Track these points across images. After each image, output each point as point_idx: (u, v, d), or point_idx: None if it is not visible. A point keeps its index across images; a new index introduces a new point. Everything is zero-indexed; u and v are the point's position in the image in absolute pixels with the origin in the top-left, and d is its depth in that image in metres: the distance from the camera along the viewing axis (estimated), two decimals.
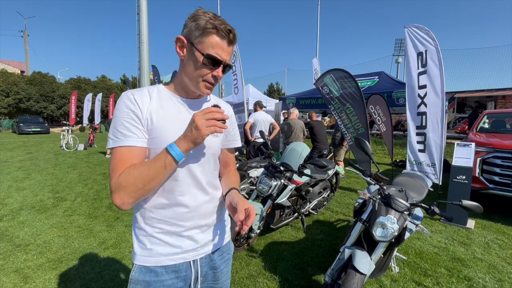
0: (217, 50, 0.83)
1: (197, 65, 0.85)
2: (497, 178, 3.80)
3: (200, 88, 0.88)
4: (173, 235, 0.90)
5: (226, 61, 0.86)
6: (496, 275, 2.47)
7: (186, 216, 0.90)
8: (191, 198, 0.91)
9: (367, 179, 2.13)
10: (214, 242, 0.98)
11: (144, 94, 0.88)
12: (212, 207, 0.97)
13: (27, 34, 33.14)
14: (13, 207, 4.02)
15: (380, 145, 10.90)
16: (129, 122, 0.82)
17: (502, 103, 14.40)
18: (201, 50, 0.83)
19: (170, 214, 0.88)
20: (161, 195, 0.88)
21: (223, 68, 0.87)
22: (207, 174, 0.95)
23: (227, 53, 0.86)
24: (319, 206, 3.82)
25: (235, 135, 1.10)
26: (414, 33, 4.27)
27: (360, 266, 1.66)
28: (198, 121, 0.75)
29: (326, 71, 4.90)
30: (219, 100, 1.07)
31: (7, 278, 2.32)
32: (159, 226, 0.89)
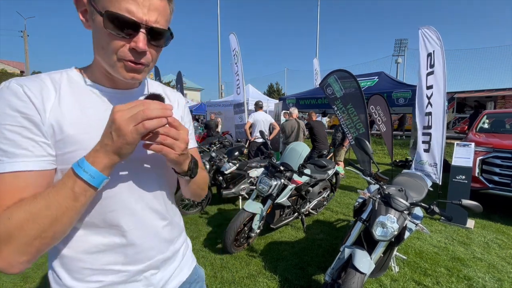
0: (126, 5, 0.51)
1: (101, 35, 0.54)
2: (497, 178, 3.80)
3: (118, 70, 0.57)
4: (120, 285, 0.63)
5: (145, 21, 0.53)
6: (495, 274, 2.47)
7: (138, 257, 0.64)
8: (143, 231, 0.65)
9: (367, 178, 2.14)
10: (176, 276, 0.75)
11: (44, 85, 0.56)
12: (171, 235, 0.73)
13: (27, 34, 33.14)
14: None
15: (380, 145, 10.91)
16: (16, 132, 0.50)
17: (502, 103, 14.42)
18: (100, 8, 0.52)
19: (112, 258, 0.61)
20: (94, 235, 0.60)
21: (147, 34, 0.55)
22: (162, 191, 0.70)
23: (147, 8, 0.53)
24: (319, 206, 3.82)
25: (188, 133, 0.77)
26: (426, 34, 4.32)
27: (360, 266, 1.67)
28: (120, 121, 0.47)
29: (330, 72, 4.94)
30: (165, 88, 0.79)
31: (7, 277, 2.32)
32: (96, 278, 0.61)
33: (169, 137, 0.53)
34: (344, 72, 4.79)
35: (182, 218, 0.83)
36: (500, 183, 3.77)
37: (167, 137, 0.53)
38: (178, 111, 0.77)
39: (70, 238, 0.59)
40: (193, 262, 0.85)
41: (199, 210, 3.90)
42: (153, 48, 0.59)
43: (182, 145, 0.55)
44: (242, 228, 2.74)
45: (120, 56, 0.55)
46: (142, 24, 0.53)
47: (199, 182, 0.74)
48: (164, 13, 0.57)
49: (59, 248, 0.60)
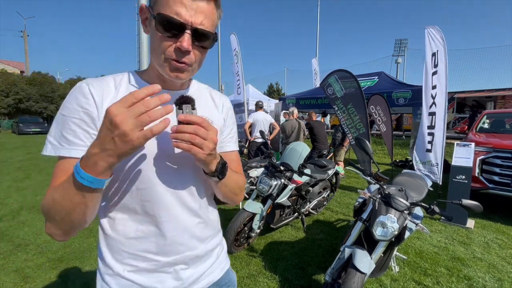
0: (175, 8, 0.56)
1: (154, 37, 0.60)
2: (497, 178, 3.80)
3: (164, 70, 0.62)
4: (151, 274, 0.67)
5: (191, 23, 0.57)
6: (495, 274, 2.47)
7: (167, 249, 0.68)
8: (174, 225, 0.68)
9: (367, 178, 2.14)
10: (207, 276, 0.76)
11: (107, 85, 0.64)
12: (203, 234, 0.74)
13: (26, 34, 33.14)
14: (13, 207, 4.02)
15: (380, 145, 10.91)
16: (77, 124, 0.59)
17: (502, 103, 14.43)
18: (154, 12, 0.58)
19: (145, 246, 0.66)
20: (133, 221, 0.66)
21: (192, 35, 0.58)
22: (197, 190, 0.72)
23: (194, 11, 0.57)
24: (319, 206, 3.82)
25: (228, 135, 0.81)
26: (431, 34, 4.32)
27: (360, 265, 1.67)
28: (125, 126, 0.46)
29: (331, 72, 4.94)
30: (211, 91, 0.81)
31: (8, 277, 2.32)
32: (131, 262, 0.66)
33: (198, 136, 0.54)
34: (344, 72, 4.79)
35: (219, 219, 0.83)
36: (500, 183, 3.77)
37: (197, 136, 0.54)
38: (220, 114, 0.79)
39: (114, 221, 0.66)
40: (226, 265, 0.84)
41: None
42: (197, 49, 0.62)
43: (210, 145, 0.57)
44: (242, 228, 2.74)
45: (167, 55, 0.60)
46: (188, 25, 0.57)
47: (231, 186, 0.72)
48: (211, 16, 0.60)
49: (105, 228, 0.67)
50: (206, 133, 0.55)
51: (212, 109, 0.78)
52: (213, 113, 0.76)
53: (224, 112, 0.80)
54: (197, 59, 0.63)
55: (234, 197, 0.78)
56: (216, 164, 0.64)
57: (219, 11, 0.64)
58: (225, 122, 0.80)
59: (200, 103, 0.72)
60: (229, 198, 0.77)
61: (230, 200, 0.78)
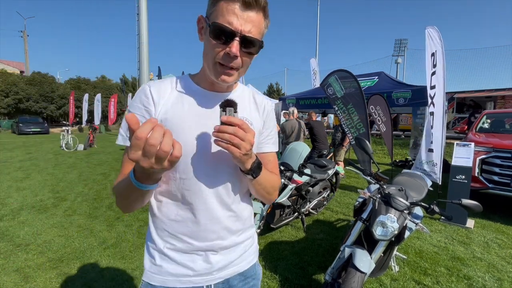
0: (228, 18, 0.63)
1: (208, 44, 0.68)
2: (497, 178, 3.81)
3: (213, 73, 0.70)
4: (185, 254, 0.76)
5: (240, 30, 0.63)
6: (495, 274, 2.47)
7: (200, 235, 0.76)
8: (208, 214, 0.75)
9: (367, 178, 2.14)
10: (234, 265, 0.82)
11: (164, 86, 0.76)
12: (234, 227, 0.80)
13: (26, 34, 33.13)
14: (13, 207, 4.02)
15: (380, 145, 10.92)
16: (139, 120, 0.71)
17: (502, 103, 14.44)
18: (210, 22, 0.66)
19: (182, 229, 0.75)
20: (174, 205, 0.76)
21: (241, 42, 0.64)
22: (232, 185, 0.78)
23: (244, 21, 0.63)
24: (319, 206, 3.82)
25: (267, 137, 0.85)
26: (431, 34, 4.33)
27: (360, 265, 1.67)
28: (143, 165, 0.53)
29: (331, 72, 4.95)
30: (255, 94, 0.86)
31: (8, 277, 2.33)
32: (170, 241, 0.76)
33: (237, 137, 0.60)
34: (344, 72, 4.80)
35: (252, 215, 0.88)
36: (500, 183, 3.78)
37: (235, 137, 0.60)
38: (261, 116, 0.85)
39: (161, 203, 0.76)
40: (254, 259, 0.89)
41: None
42: (244, 55, 0.68)
43: (247, 146, 0.62)
44: None
45: (217, 59, 0.67)
46: (237, 33, 0.63)
47: (264, 185, 0.77)
48: (258, 25, 0.67)
49: (153, 208, 0.78)
50: (244, 135, 0.61)
51: (253, 111, 0.83)
52: (253, 115, 0.82)
53: (265, 115, 0.85)
54: (244, 64, 0.70)
55: (267, 195, 0.82)
56: (251, 163, 0.69)
57: (267, 21, 0.70)
58: (265, 124, 0.85)
59: (242, 105, 0.78)
60: (262, 196, 0.82)
61: (263, 198, 0.83)
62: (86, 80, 29.79)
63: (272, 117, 0.88)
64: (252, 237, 0.90)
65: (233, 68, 0.68)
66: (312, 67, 11.18)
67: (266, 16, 0.69)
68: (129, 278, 2.35)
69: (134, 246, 2.91)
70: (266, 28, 0.71)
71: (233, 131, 0.59)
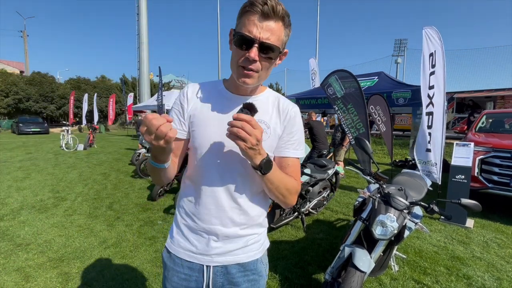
0: (248, 27, 0.72)
1: (234, 50, 0.78)
2: (496, 178, 3.82)
3: (236, 75, 0.79)
4: (192, 232, 0.88)
5: (258, 38, 0.72)
6: (495, 273, 2.48)
7: (205, 217, 0.85)
8: (214, 201, 0.84)
9: (367, 178, 2.15)
10: (233, 255, 0.88)
11: (199, 87, 0.91)
12: (238, 219, 0.86)
13: (26, 34, 33.13)
14: (14, 207, 4.03)
15: (380, 145, 10.92)
16: (176, 113, 0.88)
17: (501, 103, 14.45)
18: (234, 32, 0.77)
19: (193, 209, 0.87)
20: (192, 188, 0.89)
21: (259, 48, 0.73)
22: (242, 181, 0.84)
23: (262, 29, 0.72)
24: (319, 206, 3.83)
25: (288, 142, 0.88)
26: (429, 34, 4.33)
27: (360, 264, 1.68)
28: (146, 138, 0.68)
29: (331, 72, 4.95)
30: (280, 98, 0.91)
31: (9, 277, 2.33)
32: (185, 217, 0.90)
33: (244, 131, 0.66)
34: (344, 72, 4.80)
35: (264, 217, 0.94)
36: (499, 183, 3.79)
37: (242, 131, 0.66)
38: (281, 121, 0.88)
39: (185, 184, 0.93)
40: (257, 255, 0.92)
41: None
42: (263, 59, 0.76)
43: (253, 140, 0.67)
44: None
45: (239, 63, 0.76)
46: (256, 40, 0.72)
47: (277, 185, 0.80)
48: (277, 33, 0.74)
49: (181, 189, 0.96)
50: (251, 130, 0.66)
51: (274, 116, 0.88)
52: (273, 119, 0.87)
53: (286, 120, 0.88)
54: (263, 67, 0.77)
55: (282, 198, 0.84)
56: (260, 160, 0.73)
57: (287, 30, 0.78)
58: (285, 129, 0.88)
59: (265, 109, 0.86)
60: (277, 197, 0.84)
61: (278, 200, 0.86)
62: (86, 80, 29.74)
63: (296, 123, 0.89)
64: (259, 235, 0.93)
65: (252, 70, 0.76)
66: (311, 67, 11.15)
67: (287, 25, 0.77)
68: (130, 277, 2.35)
69: (135, 245, 2.91)
70: (287, 36, 0.79)
71: (240, 125, 0.66)
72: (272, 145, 0.86)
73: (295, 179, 0.87)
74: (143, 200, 4.45)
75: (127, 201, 4.43)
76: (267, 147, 0.80)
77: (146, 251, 2.79)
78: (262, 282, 0.94)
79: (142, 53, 28.45)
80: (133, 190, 5.07)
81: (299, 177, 0.90)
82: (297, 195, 0.89)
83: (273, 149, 0.86)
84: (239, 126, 0.66)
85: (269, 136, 0.84)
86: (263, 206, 0.92)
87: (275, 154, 0.88)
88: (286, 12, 0.74)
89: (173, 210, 3.85)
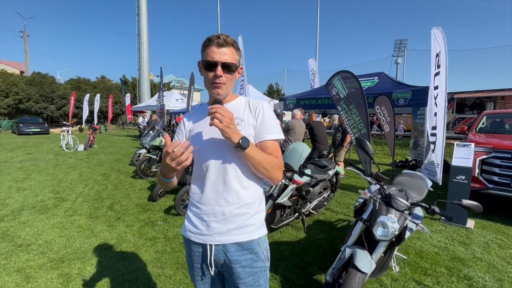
0: (211, 55, 1.00)
1: (204, 74, 1.05)
2: (497, 178, 3.81)
3: (210, 90, 1.06)
4: (197, 217, 1.08)
5: (219, 60, 0.99)
6: (495, 274, 2.48)
7: (205, 201, 1.05)
8: (212, 186, 1.04)
9: (368, 178, 2.15)
10: (231, 235, 1.04)
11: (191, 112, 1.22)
12: (231, 199, 1.03)
13: (26, 35, 33.15)
14: (14, 208, 4.03)
15: (380, 146, 10.93)
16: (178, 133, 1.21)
17: (501, 104, 14.45)
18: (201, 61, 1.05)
19: (197, 198, 1.08)
20: (197, 181, 1.10)
21: (222, 66, 1.00)
22: (232, 168, 1.03)
23: (220, 54, 0.99)
24: (320, 206, 3.83)
25: (261, 128, 1.07)
26: (436, 35, 4.32)
27: (361, 265, 1.68)
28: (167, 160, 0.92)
29: (335, 73, 4.94)
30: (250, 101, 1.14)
31: (9, 277, 2.33)
32: (191, 206, 1.12)
33: (219, 113, 0.90)
34: (347, 73, 4.80)
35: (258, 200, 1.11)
36: (500, 183, 3.78)
37: (218, 113, 0.90)
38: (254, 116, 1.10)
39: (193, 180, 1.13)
40: (253, 236, 1.07)
41: None
42: (226, 73, 1.03)
43: (227, 119, 0.91)
44: None
45: (211, 81, 1.03)
46: (218, 62, 1.00)
47: (257, 159, 0.98)
48: (231, 55, 1.02)
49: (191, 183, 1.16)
50: (223, 112, 0.91)
51: (245, 112, 1.11)
52: (245, 115, 1.10)
53: (256, 113, 1.10)
54: (228, 79, 1.04)
55: (266, 172, 1.01)
56: (238, 138, 0.93)
57: (238, 52, 1.06)
58: (257, 120, 1.09)
59: (236, 109, 1.10)
60: (261, 173, 1.02)
61: (263, 175, 1.04)
62: (86, 80, 29.73)
63: (265, 113, 1.10)
64: (252, 215, 1.08)
65: (220, 83, 1.03)
66: (311, 67, 11.15)
67: (237, 49, 1.05)
68: (131, 278, 2.35)
69: (135, 246, 2.91)
70: (239, 56, 1.07)
71: (215, 110, 0.90)
72: (248, 133, 1.04)
73: (276, 157, 1.05)
74: (143, 201, 4.45)
75: (127, 201, 4.43)
76: (244, 134, 0.98)
77: (146, 252, 2.79)
78: (260, 264, 1.08)
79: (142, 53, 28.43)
80: (134, 190, 5.07)
81: (279, 155, 1.07)
82: (281, 171, 1.07)
83: (251, 137, 1.05)
84: (214, 111, 0.90)
85: (244, 127, 1.05)
86: (255, 189, 1.09)
87: (256, 141, 1.06)
88: (234, 40, 1.04)
89: (174, 210, 3.85)
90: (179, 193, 3.73)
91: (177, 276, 2.39)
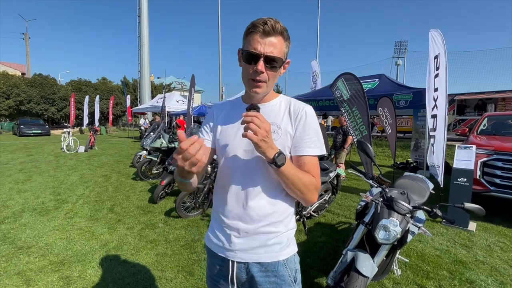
0: (253, 45, 0.83)
1: (243, 66, 0.90)
2: (498, 181, 3.80)
3: (248, 87, 0.91)
4: (220, 228, 0.97)
5: (262, 53, 0.83)
6: (498, 277, 2.46)
7: (228, 214, 0.94)
8: (236, 199, 0.93)
9: (369, 181, 2.14)
10: (254, 254, 0.92)
11: (222, 105, 1.08)
12: (257, 216, 0.91)
13: (28, 37, 33.26)
14: (15, 209, 4.02)
15: (380, 147, 10.91)
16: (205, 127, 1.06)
17: (502, 105, 14.44)
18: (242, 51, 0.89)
19: (221, 208, 0.97)
20: (220, 189, 0.99)
21: (264, 60, 0.84)
22: (261, 181, 0.91)
23: (265, 45, 0.83)
24: (321, 208, 3.82)
25: (301, 141, 0.91)
26: (434, 37, 4.33)
27: (363, 269, 1.67)
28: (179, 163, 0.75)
29: (339, 75, 4.96)
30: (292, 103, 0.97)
31: (10, 280, 2.32)
32: (215, 215, 1.01)
33: (254, 124, 0.75)
34: (349, 75, 4.81)
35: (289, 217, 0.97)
36: (501, 186, 3.77)
37: (252, 123, 0.75)
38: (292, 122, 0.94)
39: (216, 188, 1.03)
40: (279, 257, 0.94)
41: (200, 213, 3.90)
42: (269, 69, 0.86)
43: (263, 132, 0.75)
44: None
45: (249, 76, 0.87)
46: (261, 54, 0.83)
47: (292, 179, 0.84)
48: (279, 47, 0.85)
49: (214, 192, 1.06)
50: (260, 123, 0.75)
51: (284, 118, 0.94)
52: (283, 120, 0.94)
53: (297, 120, 0.93)
54: (270, 77, 0.88)
55: (300, 194, 0.88)
56: (273, 153, 0.80)
57: (287, 42, 0.89)
58: (297, 130, 0.93)
59: (276, 113, 0.95)
60: (295, 193, 0.89)
61: (297, 197, 0.91)
62: (87, 82, 29.77)
63: (308, 122, 0.93)
64: (280, 234, 0.94)
65: (261, 81, 0.86)
66: (314, 69, 11.16)
67: (286, 39, 0.87)
68: (131, 281, 2.34)
69: (136, 249, 2.90)
70: (288, 48, 0.89)
71: (250, 119, 0.75)
72: (284, 144, 0.90)
73: (313, 176, 0.90)
74: (144, 203, 4.45)
75: (128, 203, 4.42)
76: (279, 146, 0.85)
77: (147, 255, 2.79)
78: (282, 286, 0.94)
79: (143, 55, 28.53)
80: (134, 192, 5.07)
81: (317, 174, 0.91)
82: (317, 192, 0.91)
83: (287, 148, 0.91)
84: (249, 120, 0.75)
85: (280, 136, 0.91)
86: (285, 206, 0.95)
87: (292, 154, 0.92)
88: (284, 28, 0.85)
89: (174, 213, 3.85)
90: (180, 195, 3.73)
91: (178, 279, 2.38)
